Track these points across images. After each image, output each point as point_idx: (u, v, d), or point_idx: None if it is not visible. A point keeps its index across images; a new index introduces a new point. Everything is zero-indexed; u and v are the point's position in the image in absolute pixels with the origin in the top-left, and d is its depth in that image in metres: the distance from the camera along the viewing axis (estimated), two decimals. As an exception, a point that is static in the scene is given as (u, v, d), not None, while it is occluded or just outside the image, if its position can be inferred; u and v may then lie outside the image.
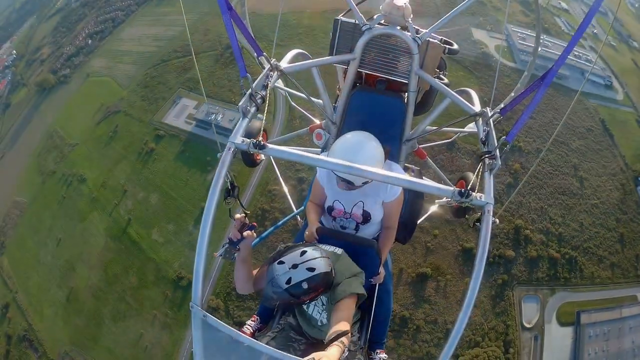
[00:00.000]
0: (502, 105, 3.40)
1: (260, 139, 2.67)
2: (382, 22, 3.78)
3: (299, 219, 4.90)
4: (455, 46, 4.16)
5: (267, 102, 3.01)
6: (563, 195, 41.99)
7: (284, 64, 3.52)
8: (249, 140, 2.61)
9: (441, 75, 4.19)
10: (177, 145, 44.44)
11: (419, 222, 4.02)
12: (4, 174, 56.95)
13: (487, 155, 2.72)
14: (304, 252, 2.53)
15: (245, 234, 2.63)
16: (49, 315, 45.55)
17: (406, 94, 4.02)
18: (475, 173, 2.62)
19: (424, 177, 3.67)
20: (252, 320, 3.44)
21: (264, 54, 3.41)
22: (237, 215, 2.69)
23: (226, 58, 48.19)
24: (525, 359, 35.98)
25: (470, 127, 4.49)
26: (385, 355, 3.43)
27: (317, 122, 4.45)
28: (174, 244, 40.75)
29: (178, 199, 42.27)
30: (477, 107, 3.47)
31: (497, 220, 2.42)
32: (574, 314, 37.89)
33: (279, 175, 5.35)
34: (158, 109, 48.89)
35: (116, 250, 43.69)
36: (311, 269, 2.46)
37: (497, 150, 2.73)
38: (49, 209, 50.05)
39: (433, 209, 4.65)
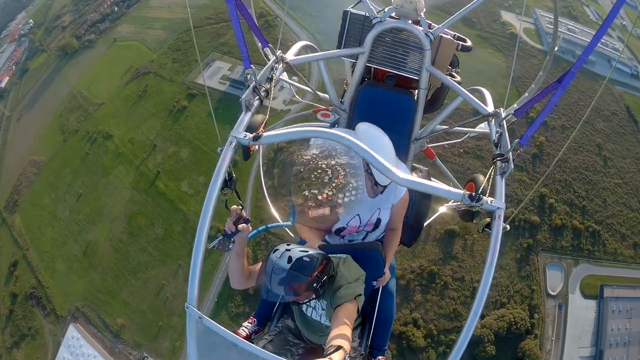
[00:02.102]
0: (515, 107, 3.62)
1: (261, 130, 2.83)
2: (394, 15, 3.92)
3: (291, 234, 4.92)
4: (469, 43, 4.35)
5: (272, 95, 3.18)
6: (587, 171, 47.60)
7: (290, 56, 3.69)
8: (250, 134, 2.71)
9: (453, 73, 4.34)
10: (210, 104, 50.62)
11: (425, 224, 4.22)
12: (21, 135, 62.62)
13: (499, 158, 2.88)
14: (289, 243, 2.86)
15: (240, 226, 2.81)
16: (61, 270, 49.59)
17: (416, 91, 4.15)
18: (487, 176, 2.75)
19: (432, 178, 3.93)
20: (248, 322, 3.61)
21: (270, 44, 3.65)
22: (234, 207, 2.85)
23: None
24: (549, 327, 40.43)
25: (482, 128, 4.74)
26: None
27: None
28: (203, 195, 44.60)
29: (210, 152, 47.77)
30: (490, 108, 3.61)
31: (508, 227, 2.58)
32: (597, 287, 42.51)
33: (262, 177, 5.21)
34: (191, 70, 55.31)
35: (142, 202, 48.59)
36: (304, 250, 2.77)
37: (510, 154, 2.87)
38: (70, 166, 55.29)
39: (441, 211, 4.91)
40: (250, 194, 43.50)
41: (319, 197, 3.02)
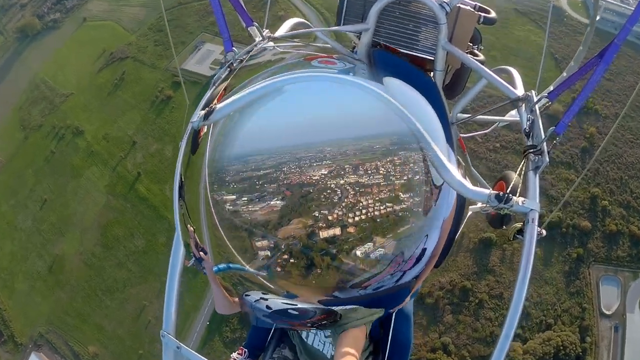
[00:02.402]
0: (550, 88, 3.38)
1: (214, 103, 2.53)
2: None
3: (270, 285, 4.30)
4: (493, 14, 4.16)
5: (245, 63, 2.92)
6: (646, 167, 45.32)
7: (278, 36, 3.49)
8: (202, 112, 2.45)
9: (475, 50, 4.16)
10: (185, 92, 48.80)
11: (456, 236, 3.74)
12: (-27, 131, 59.98)
13: (531, 151, 2.71)
14: (265, 292, 2.59)
15: (201, 254, 2.61)
16: (22, 289, 46.45)
17: (432, 73, 3.98)
18: (517, 172, 2.62)
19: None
20: (238, 354, 3.45)
21: (255, 23, 3.46)
22: (189, 227, 2.61)
23: (256, 3, 53.61)
24: (604, 353, 38.16)
25: (512, 115, 4.56)
26: None
27: None
28: (193, 200, 44.00)
29: (201, 149, 45.83)
30: (519, 91, 3.44)
31: (544, 232, 2.42)
32: (661, 305, 39.38)
33: (207, 186, 3.58)
34: (176, 54, 52.56)
35: (119, 209, 45.49)
36: (290, 303, 2.56)
37: (545, 144, 2.70)
38: (33, 167, 51.66)
39: (466, 217, 4.33)
40: (204, 210, 40.93)
41: (329, 218, 2.62)
